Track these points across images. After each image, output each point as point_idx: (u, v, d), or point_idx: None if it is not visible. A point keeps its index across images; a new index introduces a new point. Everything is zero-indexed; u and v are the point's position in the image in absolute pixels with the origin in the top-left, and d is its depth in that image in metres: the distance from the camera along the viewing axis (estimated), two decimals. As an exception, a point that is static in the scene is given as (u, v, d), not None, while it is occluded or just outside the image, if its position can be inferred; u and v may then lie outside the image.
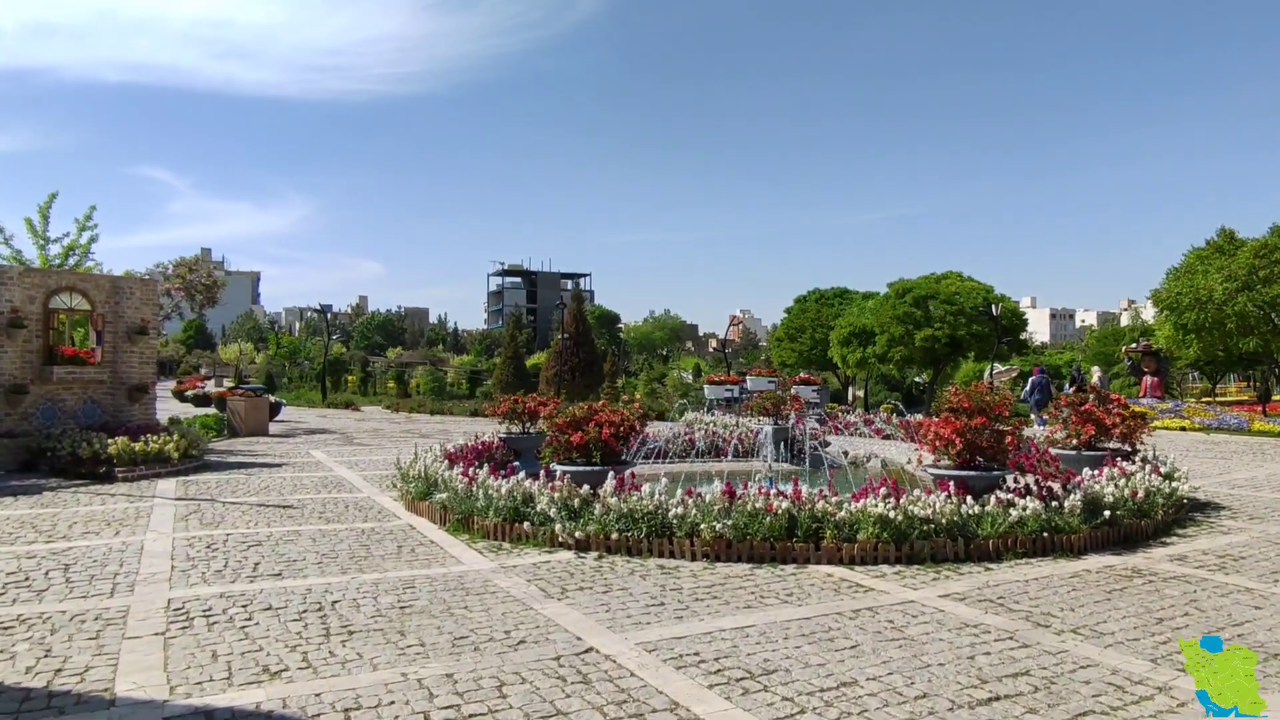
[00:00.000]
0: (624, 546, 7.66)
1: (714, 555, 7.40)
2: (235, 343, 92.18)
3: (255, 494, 11.08)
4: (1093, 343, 66.95)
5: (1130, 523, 8.27)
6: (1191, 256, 24.59)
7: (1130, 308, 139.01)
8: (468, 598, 6.22)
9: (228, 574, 6.85)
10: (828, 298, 45.44)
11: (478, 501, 8.58)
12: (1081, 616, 5.82)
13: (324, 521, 9.23)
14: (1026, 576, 6.89)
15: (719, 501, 7.62)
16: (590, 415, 8.83)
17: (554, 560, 7.42)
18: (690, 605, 6.05)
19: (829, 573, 7.00)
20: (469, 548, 7.94)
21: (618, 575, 6.91)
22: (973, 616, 5.79)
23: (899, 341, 34.12)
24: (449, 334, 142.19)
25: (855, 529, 7.42)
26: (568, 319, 36.71)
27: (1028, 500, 7.81)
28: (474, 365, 69.91)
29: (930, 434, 8.47)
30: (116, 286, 14.28)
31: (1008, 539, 7.56)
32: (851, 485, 12.23)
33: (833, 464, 15.60)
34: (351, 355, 70.03)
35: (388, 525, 9.07)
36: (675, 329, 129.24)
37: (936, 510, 7.50)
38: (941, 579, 6.82)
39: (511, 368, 45.92)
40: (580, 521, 7.85)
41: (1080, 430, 10.27)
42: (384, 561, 7.37)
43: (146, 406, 14.63)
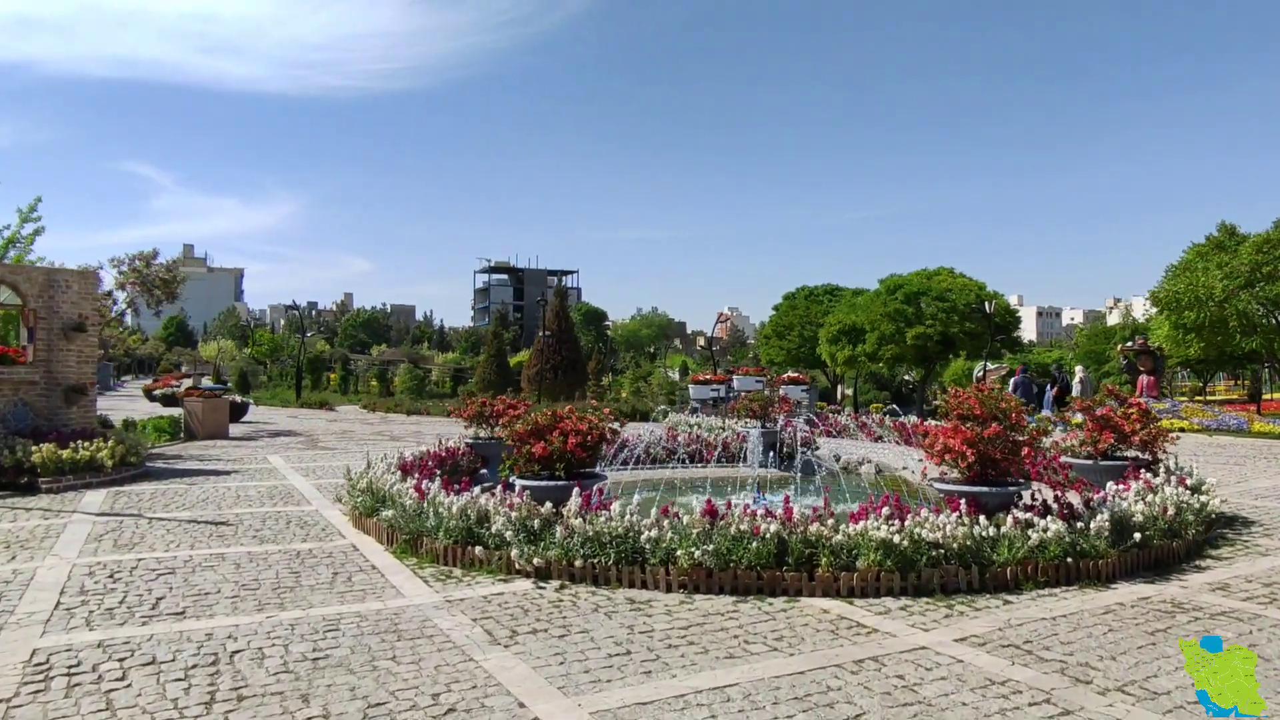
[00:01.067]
0: (590, 575, 6.68)
1: (692, 585, 6.44)
2: (214, 340, 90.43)
3: (190, 508, 10.04)
4: (1082, 341, 66.38)
5: (1160, 544, 7.36)
6: (1191, 253, 23.78)
7: (1117, 306, 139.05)
8: (398, 644, 5.23)
9: (120, 613, 5.83)
10: (817, 295, 44.54)
11: (427, 520, 7.59)
12: (1126, 668, 4.88)
13: (257, 542, 8.21)
14: (1053, 612, 5.96)
15: (698, 524, 6.66)
16: (554, 423, 7.85)
17: (508, 592, 6.44)
18: (661, 655, 5.08)
19: (825, 608, 6.04)
20: (414, 575, 6.95)
21: (579, 612, 5.93)
22: (998, 669, 4.85)
23: (890, 339, 33.25)
24: (434, 332, 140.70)
25: (854, 555, 6.47)
26: (550, 316, 35.68)
27: (1049, 521, 6.88)
28: (458, 363, 68.86)
29: (938, 444, 7.53)
30: (51, 280, 13.17)
31: (1027, 566, 6.63)
32: (845, 493, 11.35)
33: (826, 470, 14.69)
34: (332, 353, 68.71)
35: (328, 546, 8.06)
36: (663, 326, 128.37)
37: (947, 534, 6.56)
38: (955, 616, 5.88)
39: (494, 366, 44.87)
40: (540, 546, 6.87)
41: (1097, 438, 9.36)
42: (311, 594, 6.37)
43: (86, 409, 13.54)
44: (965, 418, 7.68)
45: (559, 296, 37.11)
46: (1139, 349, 30.72)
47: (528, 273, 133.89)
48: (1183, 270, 23.51)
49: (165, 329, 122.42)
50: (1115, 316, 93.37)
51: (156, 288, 20.21)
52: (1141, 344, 31.23)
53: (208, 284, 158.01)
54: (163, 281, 20.02)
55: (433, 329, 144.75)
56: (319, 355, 61.18)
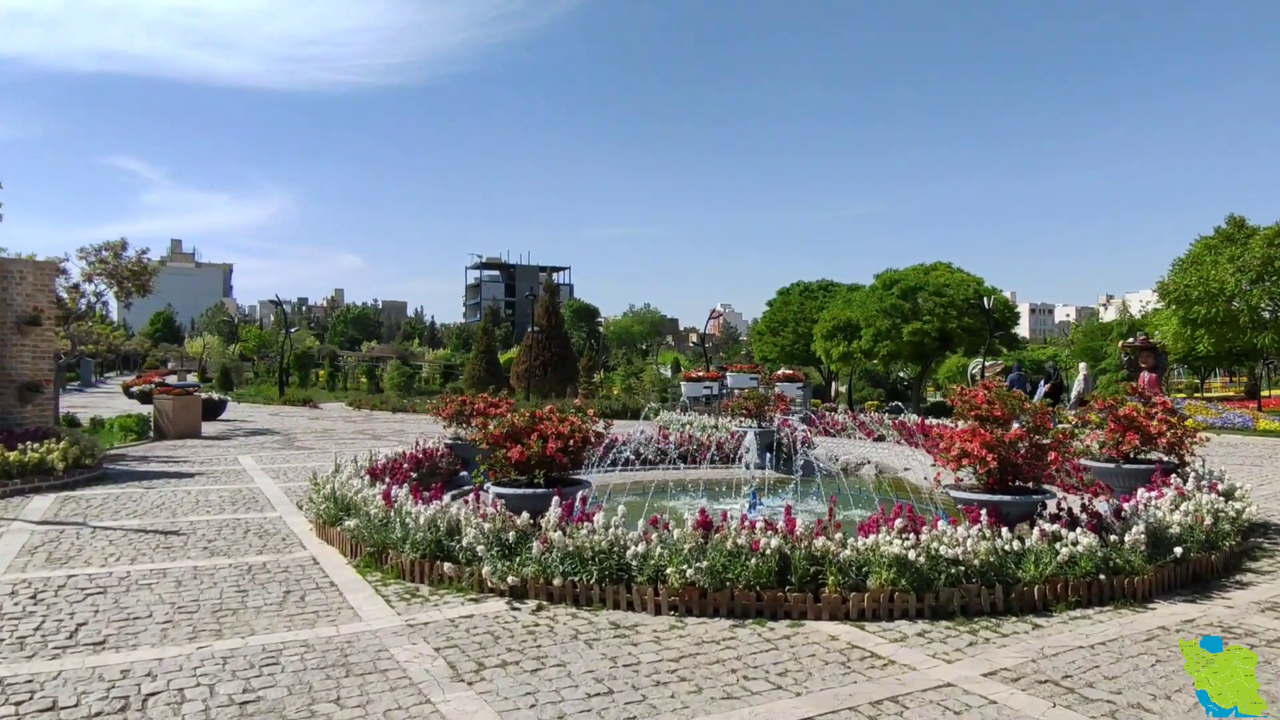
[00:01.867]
0: (570, 595, 5.99)
1: (684, 607, 5.75)
2: (201, 336, 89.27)
3: (141, 515, 9.31)
4: (1079, 338, 65.93)
5: (1198, 557, 6.71)
6: (1199, 246, 23.13)
7: (1110, 303, 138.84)
8: (345, 681, 4.53)
9: (32, 643, 5.11)
10: (811, 290, 43.88)
11: (394, 531, 6.88)
12: (1185, 710, 4.21)
13: (207, 554, 7.49)
14: (1090, 639, 5.29)
15: (690, 538, 5.97)
16: (532, 424, 7.15)
17: (479, 614, 5.75)
18: (648, 694, 4.39)
19: (833, 634, 5.37)
20: (376, 593, 6.25)
21: (557, 639, 5.24)
22: (1038, 713, 4.18)
23: (885, 336, 32.62)
24: (425, 328, 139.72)
25: (864, 573, 5.79)
26: (539, 311, 34.96)
27: (1079, 533, 6.22)
28: (449, 360, 68.10)
29: (954, 448, 6.86)
30: (4, 270, 12.39)
31: (1056, 584, 5.97)
32: (849, 497, 10.71)
33: (825, 471, 14.04)
34: (320, 349, 67.80)
35: (286, 559, 7.35)
36: (655, 323, 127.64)
37: (968, 549, 5.89)
38: (981, 644, 5.20)
39: (484, 363, 44.14)
40: (515, 562, 6.17)
41: (1119, 439, 8.71)
42: (256, 618, 5.66)
43: (42, 408, 12.78)
44: (984, 419, 7.01)
45: (549, 291, 36.38)
46: (1140, 345, 30.14)
47: (520, 269, 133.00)
48: (1191, 263, 22.87)
49: (152, 325, 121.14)
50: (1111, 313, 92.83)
51: (127, 279, 19.41)
52: (1143, 340, 30.65)
53: (196, 279, 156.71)
54: (132, 273, 19.22)
55: (424, 325, 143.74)
56: (306, 351, 60.29)
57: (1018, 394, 7.34)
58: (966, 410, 7.37)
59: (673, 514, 8.93)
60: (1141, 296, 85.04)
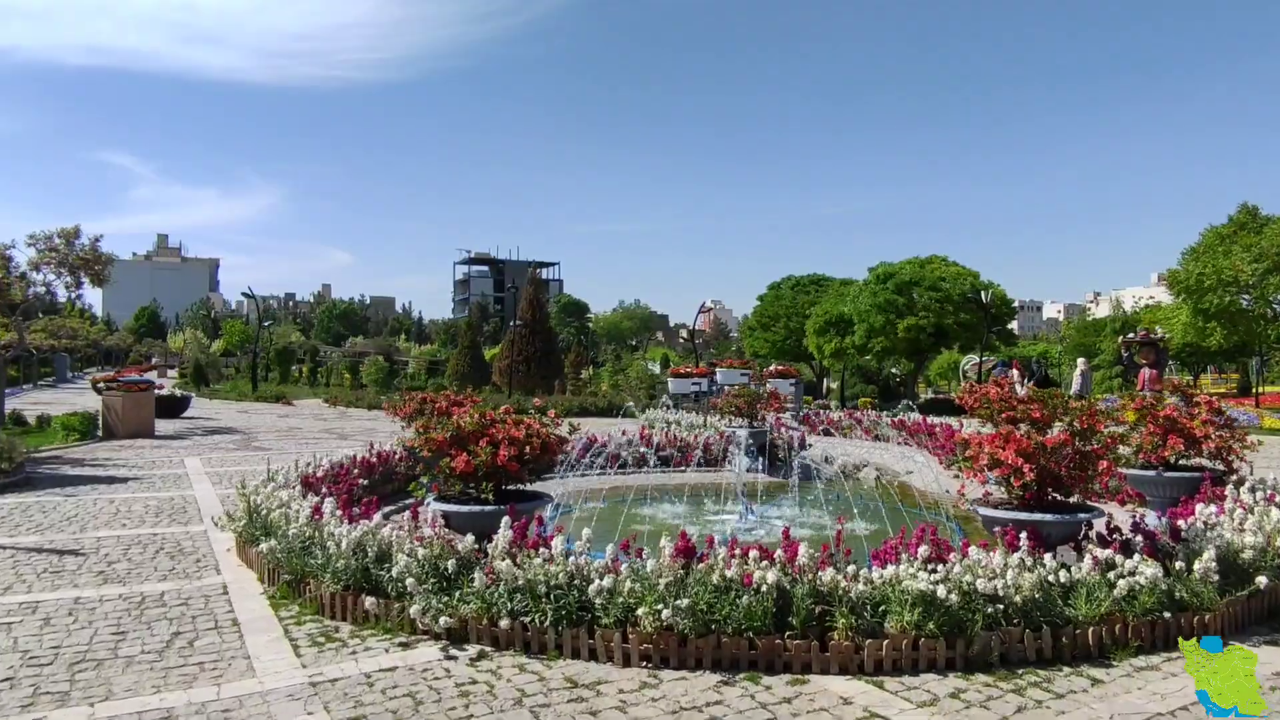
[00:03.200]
0: (519, 639, 4.87)
1: (659, 657, 4.64)
2: (182, 331, 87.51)
3: (45, 529, 8.13)
4: (1071, 334, 65.15)
5: (1273, 585, 5.63)
6: (1210, 235, 22.12)
7: (1098, 300, 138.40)
8: (204, 775, 3.40)
9: None
10: (803, 284, 42.85)
11: (316, 556, 5.75)
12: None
13: (100, 580, 6.33)
14: (1167, 700, 4.21)
15: (668, 569, 4.86)
16: (482, 428, 6.02)
17: (404, 666, 4.62)
18: (605, 797, 3.27)
19: (845, 694, 4.27)
20: (285, 636, 5.11)
21: (497, 705, 4.12)
22: (1131, 826, 3.08)
23: (880, 331, 31.60)
24: (413, 324, 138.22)
25: (881, 612, 4.70)
26: (523, 305, 33.79)
27: (1137, 561, 5.13)
28: (434, 355, 66.79)
29: (982, 456, 5.77)
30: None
31: (1114, 624, 4.89)
32: (852, 508, 9.65)
33: (821, 475, 12.96)
34: (301, 344, 66.33)
35: (191, 587, 6.20)
36: (645, 319, 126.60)
37: (1009, 581, 4.80)
38: (1032, 708, 4.11)
39: (469, 358, 42.96)
40: (454, 597, 5.05)
41: (1159, 443, 7.65)
42: (123, 673, 4.51)
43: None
44: (1017, 420, 5.92)
45: (533, 284, 35.19)
46: (1141, 340, 29.23)
47: (509, 264, 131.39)
48: (1203, 252, 21.87)
49: (136, 320, 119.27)
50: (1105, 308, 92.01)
51: (80, 268, 18.16)
52: (1143, 335, 29.74)
53: (182, 274, 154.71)
54: (84, 261, 17.96)
55: (411, 321, 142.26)
56: (287, 347, 58.88)
57: (1057, 393, 6.26)
58: (992, 411, 6.29)
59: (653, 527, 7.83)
60: (1134, 292, 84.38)
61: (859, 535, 8.60)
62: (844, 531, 5.43)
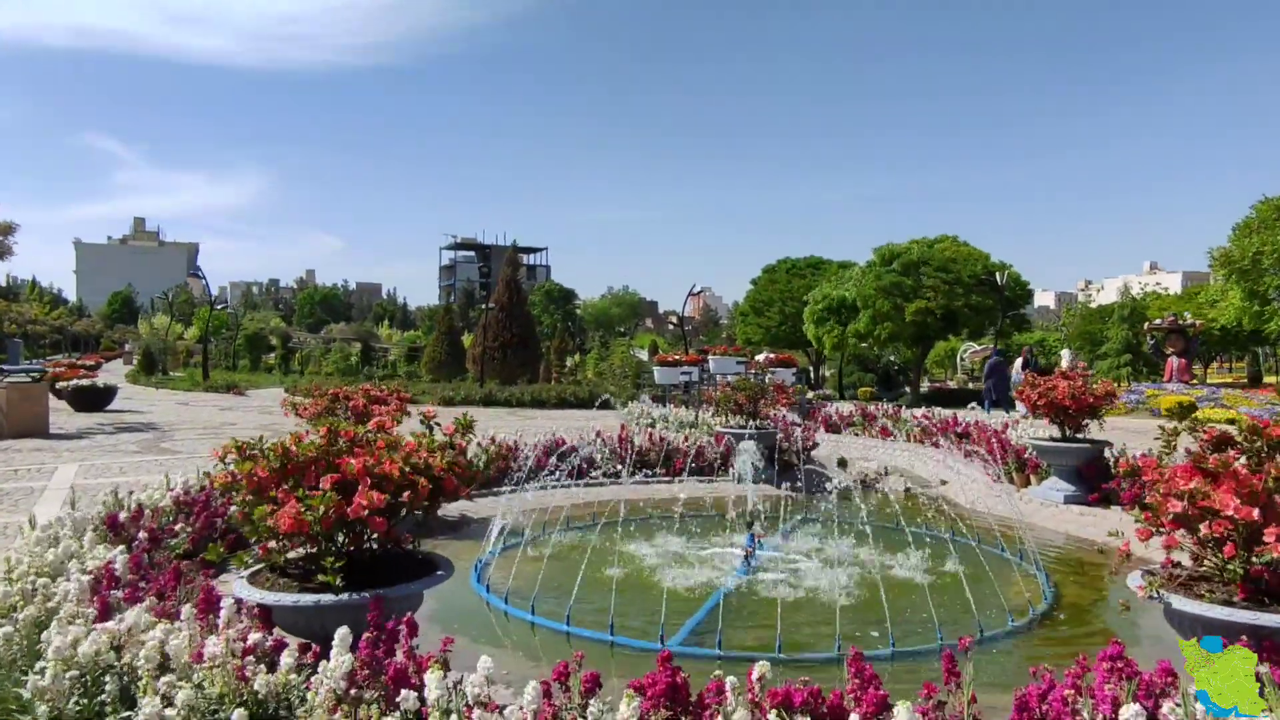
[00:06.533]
0: None
1: None
2: (154, 317, 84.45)
3: None
4: (1073, 321, 62.92)
5: None
6: (1265, 207, 19.72)
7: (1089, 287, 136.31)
8: None
9: None
10: (799, 268, 40.45)
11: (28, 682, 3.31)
12: None
13: None
14: None
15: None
16: (329, 455, 3.57)
17: None
18: None
19: None
20: None
21: None
22: None
23: (885, 317, 29.19)
24: (398, 309, 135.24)
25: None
26: (500, 288, 31.29)
27: None
28: (414, 342, 64.19)
29: (1170, 500, 3.38)
30: None
31: None
32: (864, 516, 7.26)
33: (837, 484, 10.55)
34: (274, 330, 63.54)
35: None
36: (633, 305, 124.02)
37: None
38: None
39: (446, 345, 40.56)
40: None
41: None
42: None
43: None
44: (1222, 444, 3.52)
45: (510, 265, 32.65)
46: (1169, 327, 27.04)
47: (495, 249, 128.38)
48: (1257, 227, 19.46)
49: (109, 305, 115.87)
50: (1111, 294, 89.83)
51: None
52: (1171, 321, 27.54)
53: (159, 258, 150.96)
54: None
55: (396, 307, 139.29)
56: (256, 332, 56.15)
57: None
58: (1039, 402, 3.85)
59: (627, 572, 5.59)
60: (1141, 279, 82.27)
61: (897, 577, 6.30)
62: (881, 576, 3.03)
